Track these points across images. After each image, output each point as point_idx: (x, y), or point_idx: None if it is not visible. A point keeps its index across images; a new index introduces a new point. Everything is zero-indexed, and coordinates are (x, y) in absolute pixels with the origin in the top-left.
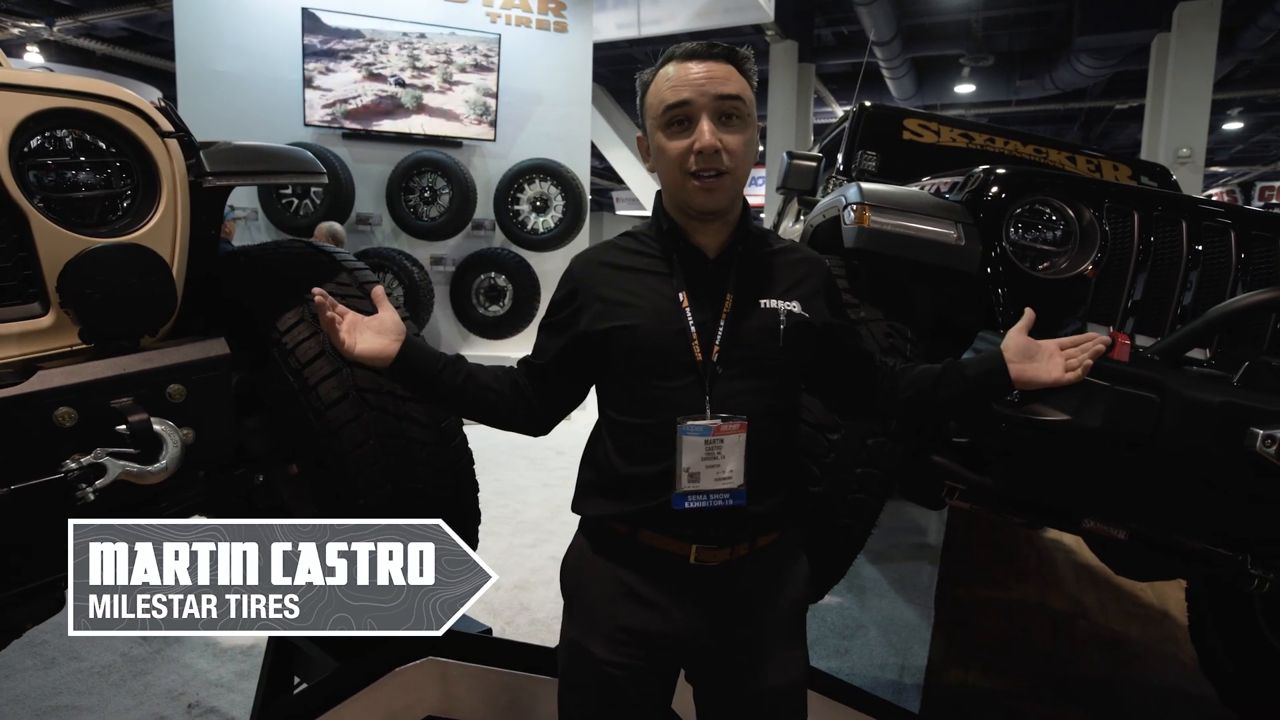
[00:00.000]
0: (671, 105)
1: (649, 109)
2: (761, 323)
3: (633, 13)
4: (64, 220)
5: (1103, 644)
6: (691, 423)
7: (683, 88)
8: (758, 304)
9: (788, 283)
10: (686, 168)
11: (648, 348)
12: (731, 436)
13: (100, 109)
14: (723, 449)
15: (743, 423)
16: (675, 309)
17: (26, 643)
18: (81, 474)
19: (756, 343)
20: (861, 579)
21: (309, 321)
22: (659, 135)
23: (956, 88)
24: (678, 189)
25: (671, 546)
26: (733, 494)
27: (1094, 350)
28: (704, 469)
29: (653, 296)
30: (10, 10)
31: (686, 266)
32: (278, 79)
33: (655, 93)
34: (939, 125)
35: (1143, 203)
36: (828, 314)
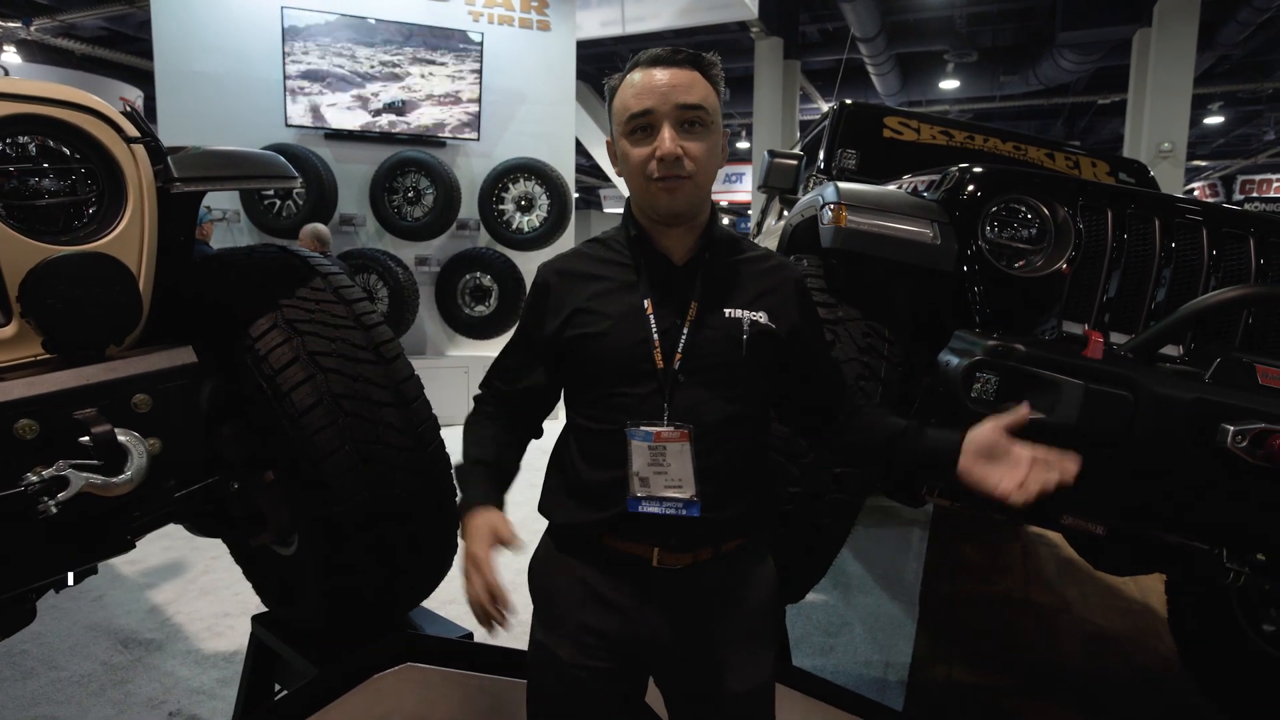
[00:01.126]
0: (635, 114)
1: (615, 115)
2: (725, 331)
3: (617, 10)
4: (27, 228)
5: (1085, 637)
6: (635, 427)
7: (646, 95)
8: (722, 312)
9: (756, 291)
10: (649, 173)
11: (611, 355)
12: (674, 445)
13: (63, 115)
14: (666, 456)
15: (684, 431)
16: (639, 316)
17: (4, 653)
18: (43, 487)
19: (719, 351)
20: (847, 576)
21: (282, 327)
22: (624, 142)
23: (941, 84)
24: (642, 193)
25: (635, 550)
26: (686, 505)
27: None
28: (652, 475)
29: (617, 304)
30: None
31: (653, 273)
32: (258, 79)
33: (620, 100)
34: (919, 123)
35: (1116, 200)
36: (798, 324)
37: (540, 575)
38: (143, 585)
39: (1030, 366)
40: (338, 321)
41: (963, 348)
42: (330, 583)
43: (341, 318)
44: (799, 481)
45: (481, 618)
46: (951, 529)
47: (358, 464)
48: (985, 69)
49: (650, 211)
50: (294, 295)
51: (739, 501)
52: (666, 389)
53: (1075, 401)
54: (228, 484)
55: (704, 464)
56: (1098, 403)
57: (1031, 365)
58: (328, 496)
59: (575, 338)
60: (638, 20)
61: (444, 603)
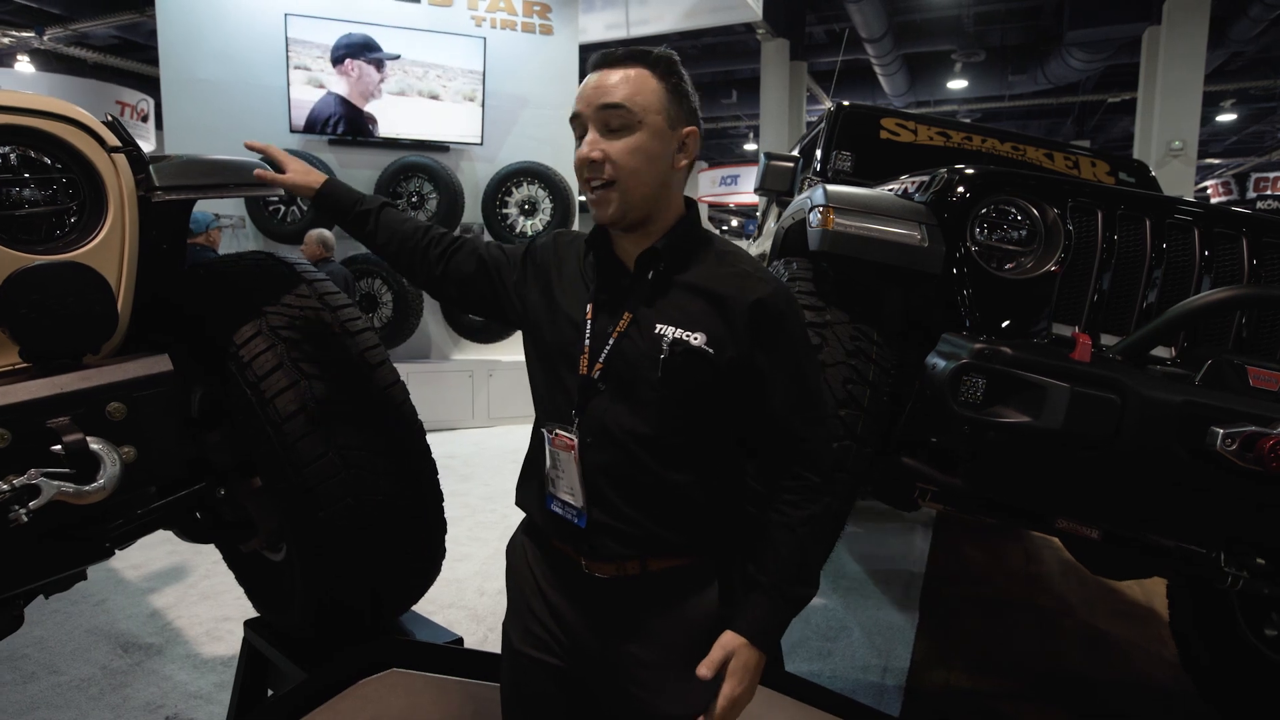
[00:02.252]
0: (571, 118)
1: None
2: (648, 348)
3: (621, 13)
4: (7, 238)
5: (1087, 642)
6: (547, 429)
7: (579, 99)
8: (653, 326)
9: (701, 309)
10: (583, 177)
11: (546, 350)
12: (563, 452)
13: (44, 125)
14: (560, 461)
15: (570, 440)
16: (579, 319)
17: (6, 656)
18: (14, 495)
19: (637, 367)
20: (847, 580)
21: (266, 334)
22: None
23: (949, 84)
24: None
25: (565, 550)
26: (577, 514)
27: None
28: (555, 476)
29: (568, 302)
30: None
31: (603, 277)
32: (263, 85)
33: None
34: (916, 124)
35: (1106, 201)
36: (746, 352)
37: (509, 558)
38: (145, 589)
39: (1016, 370)
40: (321, 328)
41: (949, 351)
42: (315, 588)
43: (326, 324)
44: None
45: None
46: (954, 531)
47: (340, 470)
48: (993, 68)
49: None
50: (279, 302)
51: (653, 519)
52: (578, 394)
53: (1061, 405)
54: (214, 490)
55: (602, 475)
56: (1084, 406)
57: (1017, 368)
58: (310, 502)
59: (539, 322)
60: (642, 23)
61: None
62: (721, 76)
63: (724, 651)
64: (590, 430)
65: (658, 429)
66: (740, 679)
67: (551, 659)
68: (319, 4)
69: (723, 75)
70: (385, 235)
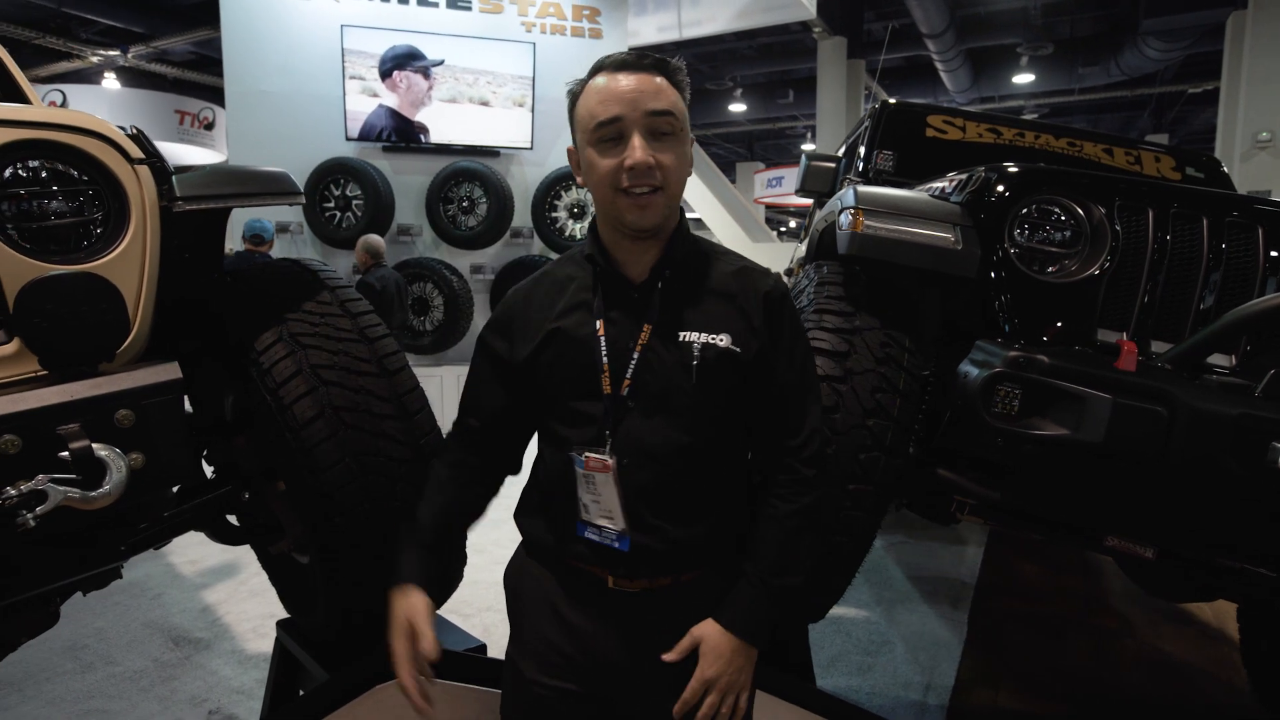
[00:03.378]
0: (603, 121)
1: (579, 123)
2: (677, 356)
3: (673, 15)
4: (32, 249)
5: (1149, 665)
6: (576, 453)
7: (613, 102)
8: (676, 335)
9: (720, 310)
10: (618, 184)
11: (563, 377)
12: (600, 474)
13: (68, 139)
14: (596, 485)
15: (607, 462)
16: (591, 339)
17: (69, 646)
18: (21, 501)
19: (669, 377)
20: (893, 592)
21: (286, 341)
22: (589, 151)
23: (1014, 78)
24: (609, 205)
25: (592, 569)
26: (617, 537)
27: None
28: (590, 502)
29: (575, 325)
30: (90, 40)
31: (609, 293)
32: (320, 95)
33: (585, 106)
34: (964, 121)
35: (1157, 198)
36: (765, 343)
37: (510, 586)
38: (198, 585)
39: (1054, 379)
40: (341, 335)
41: (983, 359)
42: (336, 591)
43: (345, 331)
44: None
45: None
46: (1008, 543)
47: (358, 476)
48: (1062, 61)
49: (618, 226)
50: (300, 309)
51: (693, 532)
52: (611, 415)
53: (1102, 417)
54: (239, 493)
55: (644, 495)
56: (1127, 419)
57: (1055, 378)
58: (329, 508)
59: (534, 360)
60: (694, 25)
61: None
62: (778, 77)
63: (692, 639)
64: (627, 449)
65: (695, 437)
66: (711, 661)
67: (573, 685)
68: (373, 14)
69: (779, 75)
70: (456, 527)
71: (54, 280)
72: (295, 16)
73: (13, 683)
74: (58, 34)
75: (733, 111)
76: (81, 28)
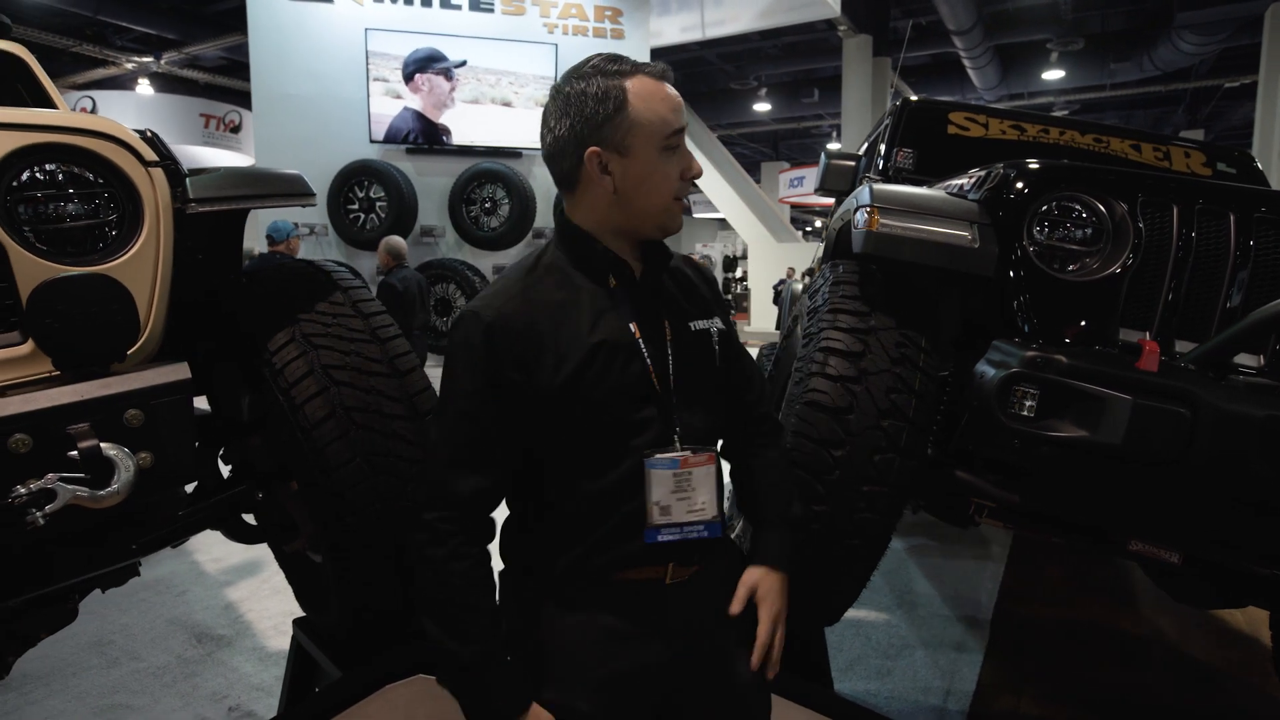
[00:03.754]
0: (676, 130)
1: (644, 126)
2: (698, 344)
3: (696, 15)
4: (48, 250)
5: (1178, 673)
6: (659, 456)
7: (680, 112)
8: (689, 326)
9: (701, 298)
10: (677, 192)
11: (613, 389)
12: (700, 468)
13: (82, 142)
14: (693, 481)
15: (711, 454)
16: (629, 341)
17: (95, 642)
18: (30, 499)
19: (700, 365)
20: (914, 595)
21: (298, 341)
22: (653, 155)
23: (1044, 74)
24: (662, 212)
25: (646, 574)
26: (708, 526)
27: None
28: (674, 502)
29: (614, 336)
30: (124, 48)
31: (632, 294)
32: (344, 99)
33: (654, 111)
34: (987, 117)
35: (1182, 195)
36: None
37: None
38: (222, 582)
39: (1071, 380)
40: (353, 335)
41: (1000, 359)
42: (347, 590)
43: (357, 332)
44: (825, 499)
45: None
46: (1035, 546)
47: (368, 476)
48: (1093, 56)
49: (657, 230)
50: (313, 310)
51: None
52: (671, 412)
53: (1122, 419)
54: (253, 493)
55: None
56: (1148, 420)
57: (1073, 378)
58: (340, 507)
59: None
60: (717, 24)
61: None
62: (803, 76)
63: (747, 588)
64: (696, 439)
65: (720, 416)
66: (773, 601)
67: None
68: (397, 18)
69: (804, 74)
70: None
71: (65, 281)
72: (320, 21)
73: (39, 677)
74: (94, 41)
75: (757, 111)
76: (116, 35)
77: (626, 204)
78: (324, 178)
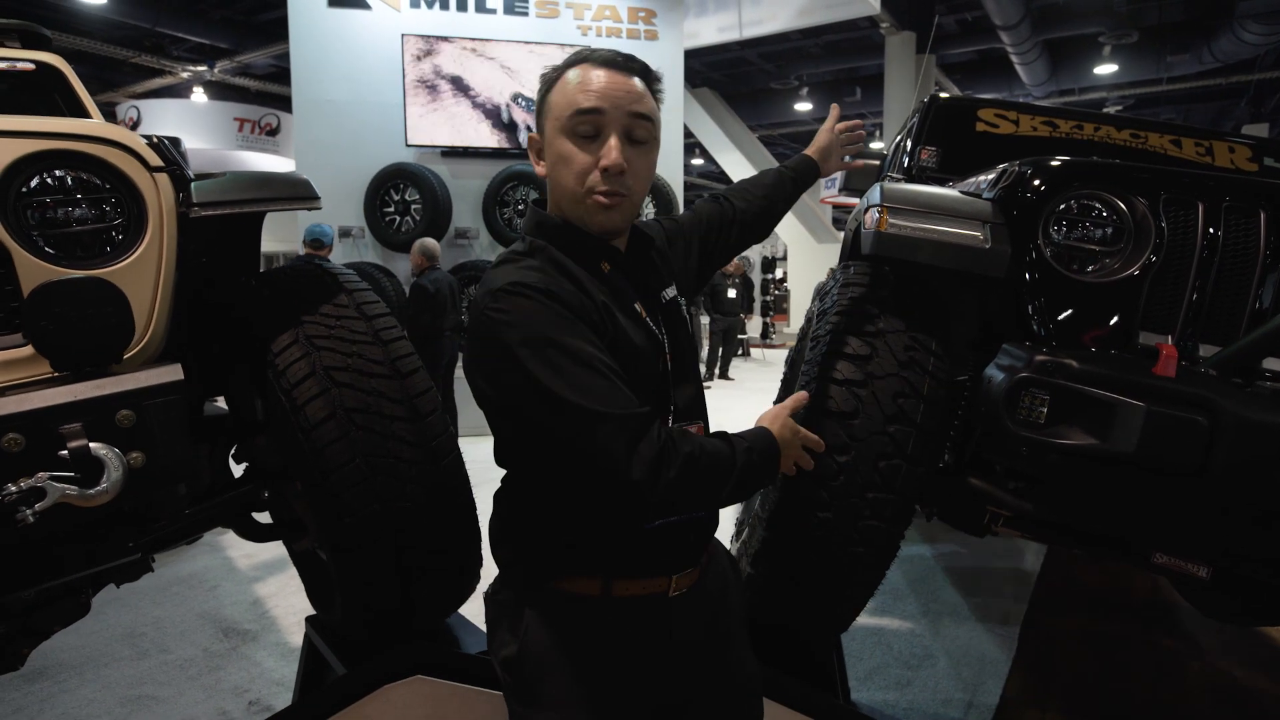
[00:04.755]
0: (584, 110)
1: (553, 108)
2: (677, 317)
3: (733, 15)
4: (53, 255)
5: (1216, 692)
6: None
7: (596, 95)
8: (660, 299)
9: (666, 267)
10: (589, 183)
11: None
12: None
13: (88, 148)
14: None
15: (700, 425)
16: (645, 324)
17: (128, 633)
18: (21, 497)
19: (683, 337)
20: (940, 604)
21: (301, 343)
22: (562, 140)
23: (1096, 69)
24: (576, 203)
25: (648, 588)
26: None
27: (854, 135)
28: None
29: (626, 315)
30: (180, 58)
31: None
32: (381, 103)
33: (564, 93)
34: (1018, 114)
35: (1209, 191)
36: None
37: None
38: (251, 578)
39: (1082, 385)
40: (355, 337)
41: (1009, 364)
42: (349, 589)
43: (360, 333)
44: (828, 506)
45: None
46: (1070, 557)
47: (367, 476)
48: (1148, 49)
49: (582, 225)
50: (317, 312)
51: None
52: (669, 389)
53: (1134, 426)
54: (258, 493)
55: None
56: (1163, 428)
57: (1084, 383)
58: (339, 507)
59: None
60: (755, 24)
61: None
62: (845, 75)
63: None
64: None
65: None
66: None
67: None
68: (433, 23)
69: (846, 73)
70: None
71: (60, 284)
72: (359, 27)
73: (74, 666)
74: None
75: (798, 111)
76: (173, 45)
77: (552, 193)
78: (361, 181)
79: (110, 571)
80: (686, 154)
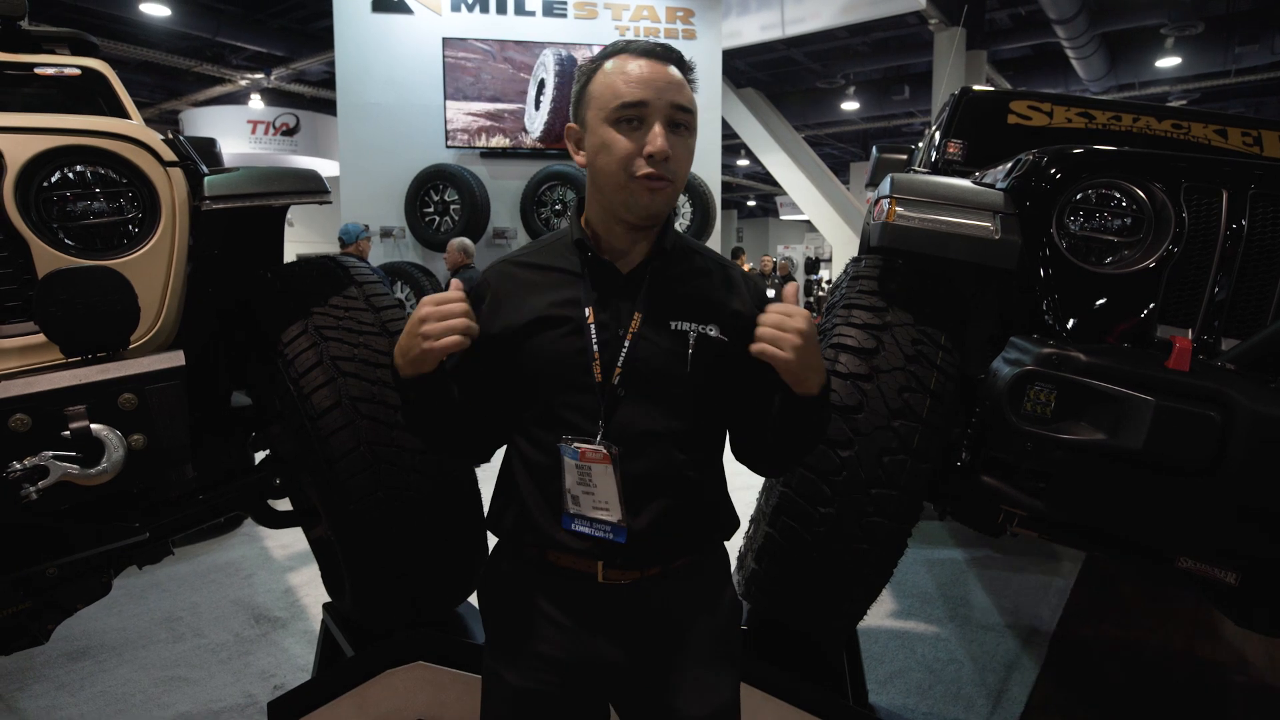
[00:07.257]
0: (628, 103)
1: (595, 99)
2: (669, 344)
3: (776, 13)
4: (71, 246)
5: (1261, 708)
6: (567, 443)
7: (639, 86)
8: (668, 324)
9: (710, 302)
10: (633, 170)
11: (551, 365)
12: (599, 466)
13: (104, 144)
14: (592, 476)
15: (607, 453)
16: (580, 325)
17: (167, 617)
18: (24, 475)
19: (662, 365)
20: (969, 607)
21: (310, 334)
22: (605, 129)
23: (1158, 62)
24: (620, 189)
25: (578, 565)
26: (613, 529)
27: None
28: (581, 494)
29: (561, 311)
30: (239, 66)
31: (596, 280)
32: (423, 105)
33: (607, 84)
34: (1052, 105)
35: (1234, 179)
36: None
37: (488, 596)
38: (285, 567)
39: (1090, 378)
40: (363, 328)
41: (1016, 357)
42: (356, 576)
43: (367, 325)
44: (831, 502)
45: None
46: (1109, 563)
47: (371, 464)
48: (1214, 41)
49: (625, 211)
50: (326, 303)
51: (684, 519)
52: (603, 404)
53: (1143, 421)
54: (271, 479)
55: (640, 483)
56: (1173, 423)
57: (1091, 377)
58: (344, 495)
59: (526, 343)
60: (797, 22)
61: None
62: (893, 72)
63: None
64: (622, 438)
65: (686, 422)
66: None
67: (563, 689)
68: (473, 26)
69: (894, 71)
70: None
71: (66, 273)
72: (401, 32)
73: (114, 647)
74: (213, 61)
75: (845, 110)
76: (233, 54)
77: (593, 181)
78: (402, 181)
79: (127, 552)
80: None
